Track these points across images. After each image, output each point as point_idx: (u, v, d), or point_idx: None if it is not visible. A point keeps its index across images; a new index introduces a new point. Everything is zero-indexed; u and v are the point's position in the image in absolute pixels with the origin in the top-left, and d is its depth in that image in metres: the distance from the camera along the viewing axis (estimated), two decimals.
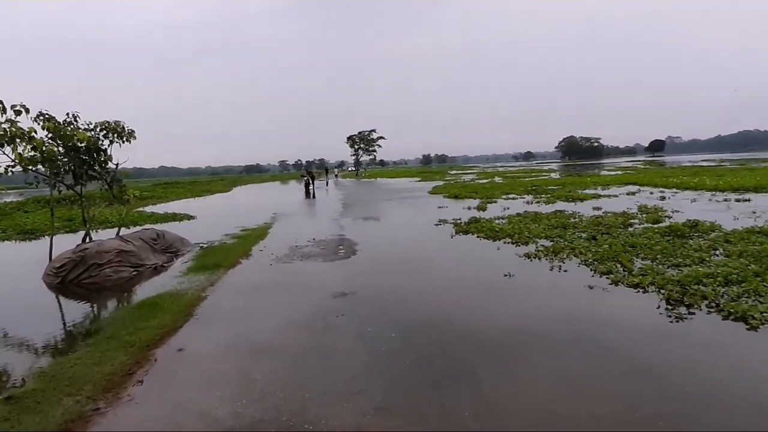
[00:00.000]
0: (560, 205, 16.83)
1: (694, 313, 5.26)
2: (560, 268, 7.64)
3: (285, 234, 13.26)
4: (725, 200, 15.92)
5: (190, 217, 19.20)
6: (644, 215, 12.98)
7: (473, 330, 5.09)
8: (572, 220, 12.88)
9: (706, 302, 5.51)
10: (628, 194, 19.99)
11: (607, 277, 6.88)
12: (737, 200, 15.70)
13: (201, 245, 11.62)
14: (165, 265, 9.41)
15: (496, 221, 13.42)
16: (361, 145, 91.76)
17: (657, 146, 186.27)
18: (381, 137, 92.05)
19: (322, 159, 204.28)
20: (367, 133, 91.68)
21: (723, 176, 26.35)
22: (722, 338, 4.64)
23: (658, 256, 7.87)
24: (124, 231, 11.40)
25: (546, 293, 6.33)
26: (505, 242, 10.24)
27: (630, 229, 10.95)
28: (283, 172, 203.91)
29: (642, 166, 56.49)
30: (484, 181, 38.37)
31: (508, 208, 16.69)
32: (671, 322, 5.06)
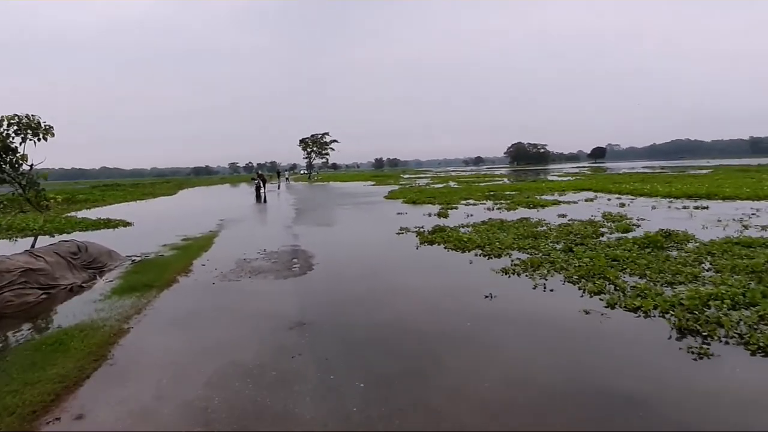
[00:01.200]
0: (523, 212, 16.34)
1: (708, 344, 4.54)
2: (545, 287, 6.84)
3: (232, 244, 11.93)
4: (684, 207, 15.88)
5: (126, 224, 17.36)
6: (611, 223, 12.58)
7: (466, 385, 4.12)
8: (540, 228, 12.29)
9: (723, 331, 4.80)
10: (586, 200, 19.84)
11: (600, 299, 6.12)
12: (696, 207, 15.69)
13: (133, 259, 10.13)
14: (85, 285, 7.94)
15: (462, 230, 12.64)
16: (314, 148, 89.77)
17: (598, 153, 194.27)
18: (334, 140, 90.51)
19: (274, 161, 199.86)
20: (320, 136, 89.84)
21: (672, 183, 26.96)
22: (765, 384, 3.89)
23: (646, 272, 7.23)
24: (45, 241, 9.77)
25: (540, 324, 5.43)
26: (475, 254, 9.41)
27: (602, 239, 10.41)
28: (233, 175, 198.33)
29: (589, 172, 58.14)
30: (440, 185, 37.93)
31: (471, 215, 15.99)
32: (694, 359, 4.29)
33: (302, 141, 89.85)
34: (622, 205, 17.37)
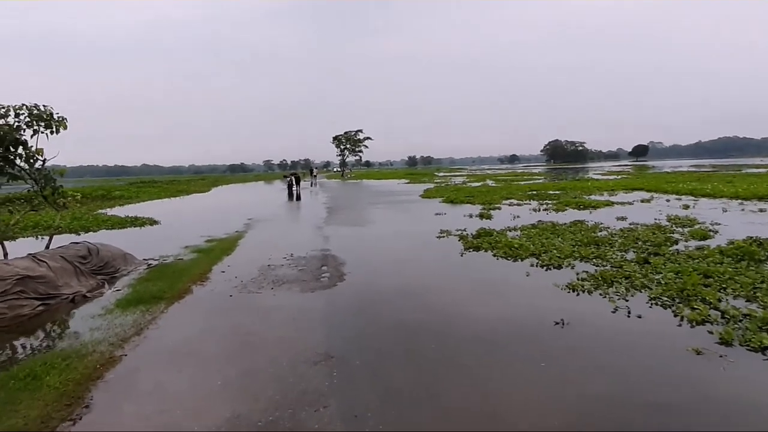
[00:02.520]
0: (573, 214, 14.86)
1: None
2: (628, 311, 5.52)
3: (257, 247, 10.97)
4: (761, 211, 14.05)
5: (153, 222, 16.76)
6: (683, 228, 11.04)
7: None
8: (600, 233, 10.86)
9: None
10: (642, 201, 18.11)
11: (708, 331, 4.78)
12: None
13: (150, 263, 9.29)
14: (89, 294, 7.07)
15: (509, 234, 11.35)
16: (347, 146, 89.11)
17: (641, 151, 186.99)
18: (368, 137, 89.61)
19: (308, 159, 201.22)
20: (353, 133, 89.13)
21: (734, 183, 24.71)
22: None
23: (755, 293, 5.81)
24: (67, 240, 9.04)
25: (639, 370, 4.10)
26: (531, 264, 8.13)
27: (677, 247, 8.94)
28: (267, 172, 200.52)
29: (633, 171, 55.25)
30: (477, 184, 36.40)
31: (517, 217, 14.63)
32: None
33: (335, 138, 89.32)
34: (686, 207, 15.62)
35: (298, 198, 28.79)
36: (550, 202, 18.86)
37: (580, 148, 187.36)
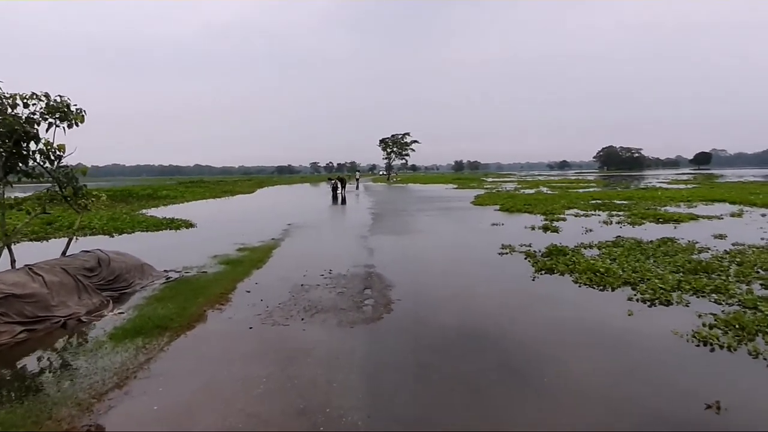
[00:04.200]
0: (654, 229, 12.82)
1: None
2: None
3: (293, 259, 9.68)
4: None
5: (189, 225, 15.88)
6: None
7: None
8: (701, 255, 8.93)
9: None
10: (732, 216, 15.69)
11: None
12: None
13: (169, 276, 8.12)
14: (85, 318, 5.87)
15: (585, 252, 9.58)
16: (394, 149, 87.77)
17: (703, 159, 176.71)
18: (415, 141, 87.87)
19: (354, 162, 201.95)
20: (400, 136, 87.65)
21: None
22: None
23: None
24: (101, 242, 8.04)
25: None
26: (627, 297, 6.39)
27: None
28: (314, 174, 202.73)
29: (701, 180, 51.07)
30: (530, 191, 34.19)
31: (590, 230, 12.73)
32: None
33: (382, 141, 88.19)
34: None
35: (343, 202, 27.65)
36: (620, 213, 16.75)
37: (636, 155, 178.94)
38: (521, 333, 5.13)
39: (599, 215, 16.57)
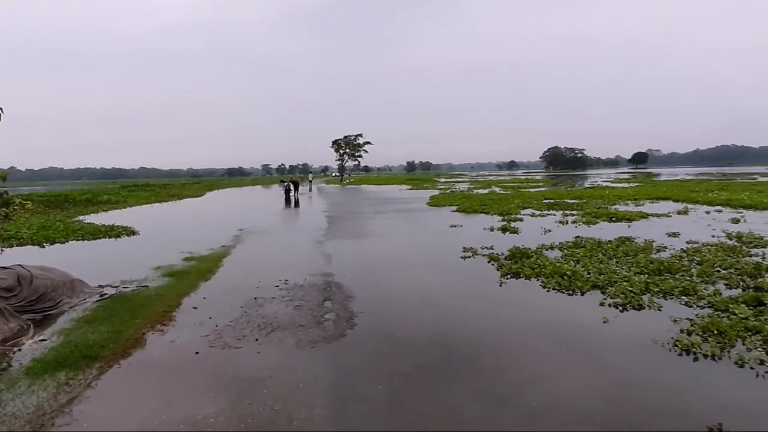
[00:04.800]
0: (609, 228, 12.97)
1: None
2: None
3: (245, 269, 9.00)
4: None
5: (130, 233, 14.75)
6: (760, 249, 9.13)
7: None
8: (660, 255, 8.97)
9: None
10: (678, 213, 16.18)
11: None
12: None
13: (104, 292, 7.27)
14: None
15: (548, 253, 9.45)
16: (347, 150, 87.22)
17: (640, 158, 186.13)
18: (367, 142, 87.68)
19: (306, 163, 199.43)
20: (353, 137, 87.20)
21: (765, 192, 22.89)
22: None
23: None
24: (29, 254, 7.04)
25: None
26: (597, 300, 6.19)
27: None
28: (265, 176, 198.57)
29: (641, 178, 53.42)
30: (484, 191, 34.56)
31: (548, 231, 12.71)
32: None
33: (335, 142, 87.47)
34: (736, 221, 13.67)
35: (296, 204, 26.84)
36: (574, 212, 16.95)
37: (580, 155, 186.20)
38: (498, 349, 4.76)
39: (554, 215, 16.69)
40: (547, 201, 22.39)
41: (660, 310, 5.77)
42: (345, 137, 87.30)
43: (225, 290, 7.30)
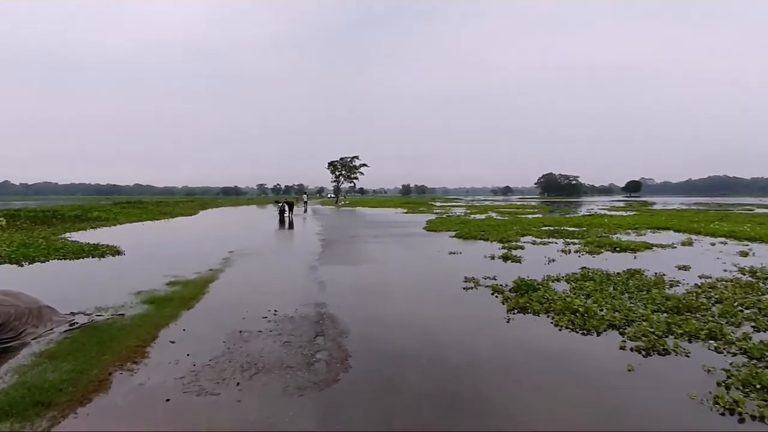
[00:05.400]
0: (614, 258, 12.51)
1: None
2: None
3: (232, 296, 8.39)
4: None
5: (115, 252, 14.10)
6: None
7: None
8: (675, 290, 8.47)
9: None
10: (683, 244, 15.73)
11: None
12: None
13: (74, 321, 6.63)
14: None
15: (554, 285, 8.93)
16: (343, 172, 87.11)
17: (633, 187, 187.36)
18: (363, 164, 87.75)
19: (301, 184, 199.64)
20: (349, 159, 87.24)
21: (766, 224, 22.55)
22: None
23: None
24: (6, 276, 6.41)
25: None
26: (616, 342, 5.64)
27: None
28: (260, 196, 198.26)
29: (638, 207, 53.32)
30: (481, 216, 34.10)
31: (552, 260, 12.19)
32: None
33: (331, 164, 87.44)
34: (744, 254, 13.24)
35: (291, 226, 26.26)
36: (575, 241, 16.48)
37: (574, 182, 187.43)
38: (513, 404, 4.16)
39: (556, 243, 16.20)
40: (546, 228, 21.95)
41: (688, 356, 5.21)
42: (341, 159, 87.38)
43: (208, 321, 6.69)
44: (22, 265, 12.03)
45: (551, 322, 6.61)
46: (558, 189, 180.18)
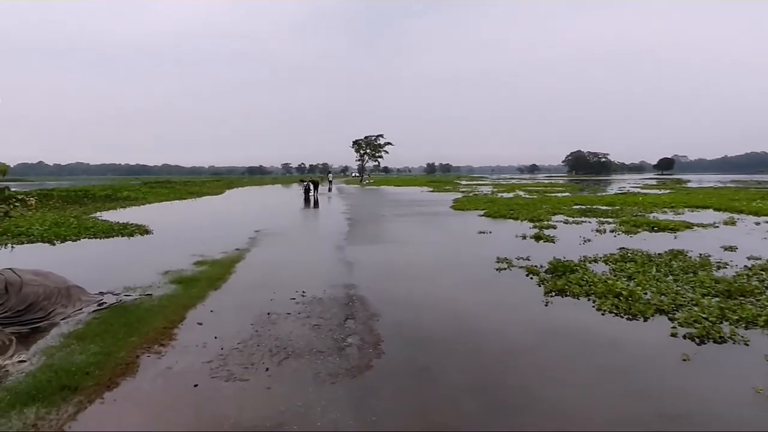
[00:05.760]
0: (653, 238, 11.97)
1: None
2: None
3: (259, 276, 8.25)
4: None
5: (144, 231, 14.18)
6: None
7: None
8: (723, 271, 7.96)
9: None
10: (725, 224, 14.98)
11: None
12: None
13: (103, 301, 6.57)
14: None
15: (591, 266, 8.51)
16: (367, 151, 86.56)
17: (666, 164, 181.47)
18: (388, 143, 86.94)
19: (326, 163, 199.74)
20: (373, 138, 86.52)
21: None
22: None
23: None
24: (36, 254, 6.41)
25: None
26: (666, 329, 5.26)
27: None
28: (285, 175, 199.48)
29: (672, 185, 51.56)
30: (508, 195, 33.41)
31: (587, 240, 11.72)
32: None
33: (355, 143, 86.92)
34: None
35: (316, 205, 26.19)
36: (610, 220, 15.87)
37: (603, 159, 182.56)
38: (563, 399, 3.84)
39: (589, 222, 15.64)
40: (577, 207, 21.28)
41: (747, 344, 4.81)
42: (366, 138, 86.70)
43: (235, 302, 6.55)
44: (54, 244, 12.18)
45: (593, 306, 6.24)
46: (587, 167, 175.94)
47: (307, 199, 28.72)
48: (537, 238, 12.29)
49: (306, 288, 7.19)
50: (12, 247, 11.89)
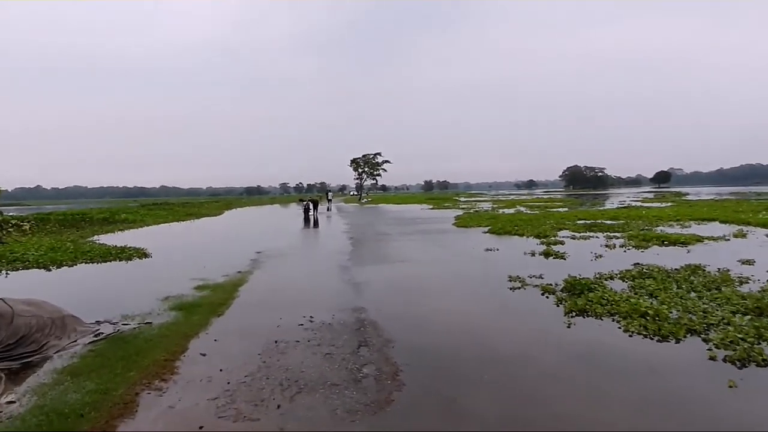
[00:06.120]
0: (665, 252, 11.70)
1: None
2: None
3: (263, 300, 7.90)
4: None
5: (143, 255, 13.81)
6: None
7: None
8: (747, 287, 7.65)
9: None
10: (735, 236, 14.69)
11: None
12: None
13: (100, 331, 6.20)
14: None
15: (608, 283, 8.19)
16: (365, 169, 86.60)
17: (662, 177, 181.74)
18: (386, 161, 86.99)
19: (324, 182, 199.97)
20: (371, 156, 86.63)
21: None
22: None
23: None
24: (32, 279, 6.04)
25: None
26: (702, 351, 4.92)
27: None
28: (283, 195, 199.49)
29: (671, 198, 51.41)
30: (509, 210, 33.17)
31: (599, 256, 11.40)
32: None
33: (353, 161, 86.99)
34: None
35: (316, 224, 25.86)
36: (617, 234, 15.58)
37: (600, 174, 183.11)
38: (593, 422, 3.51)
39: (597, 237, 15.34)
40: (582, 222, 20.98)
41: None
42: (364, 156, 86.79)
43: (240, 330, 6.19)
44: (49, 270, 11.83)
45: (619, 327, 5.90)
46: (584, 181, 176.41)
47: (307, 219, 28.41)
48: (546, 254, 11.97)
49: (313, 312, 6.84)
50: (6, 273, 11.53)
